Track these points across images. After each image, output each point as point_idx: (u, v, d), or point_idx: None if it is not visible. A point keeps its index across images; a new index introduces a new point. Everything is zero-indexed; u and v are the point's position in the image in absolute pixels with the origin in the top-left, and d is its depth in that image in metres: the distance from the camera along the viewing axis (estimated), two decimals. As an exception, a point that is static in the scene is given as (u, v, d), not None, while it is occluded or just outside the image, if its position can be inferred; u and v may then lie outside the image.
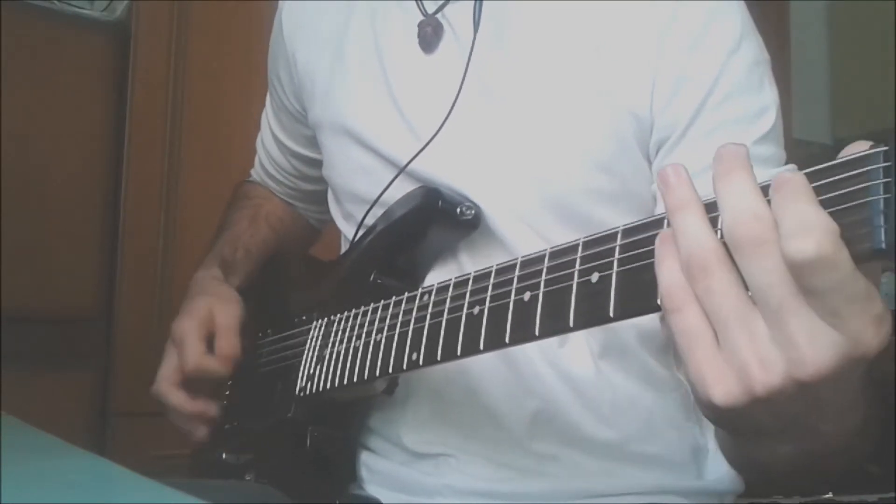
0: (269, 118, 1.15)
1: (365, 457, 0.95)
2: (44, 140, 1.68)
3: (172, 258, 1.80)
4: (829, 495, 1.35)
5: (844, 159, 0.43)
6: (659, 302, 0.48)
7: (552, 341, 0.55)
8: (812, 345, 0.43)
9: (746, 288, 0.45)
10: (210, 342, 0.95)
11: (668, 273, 0.47)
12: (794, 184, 0.43)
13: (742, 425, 0.50)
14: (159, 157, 1.82)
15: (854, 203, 0.42)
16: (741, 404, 0.46)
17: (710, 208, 0.47)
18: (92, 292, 1.75)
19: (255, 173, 1.21)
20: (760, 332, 0.44)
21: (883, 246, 0.41)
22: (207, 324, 0.95)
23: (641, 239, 0.52)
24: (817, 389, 0.44)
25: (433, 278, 0.85)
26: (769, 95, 0.82)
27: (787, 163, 0.83)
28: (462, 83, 0.83)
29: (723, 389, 0.46)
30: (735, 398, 0.45)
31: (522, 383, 0.85)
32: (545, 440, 0.86)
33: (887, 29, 2.58)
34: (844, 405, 0.50)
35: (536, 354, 0.84)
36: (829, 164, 0.43)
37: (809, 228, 0.41)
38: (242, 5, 1.84)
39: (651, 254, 0.49)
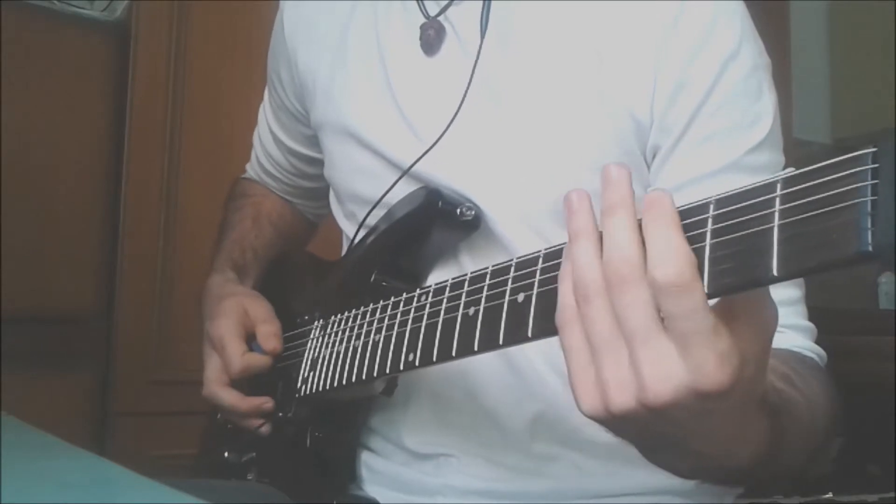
0: (267, 116, 1.15)
1: (365, 457, 0.95)
2: (44, 140, 1.68)
3: (172, 258, 1.80)
4: (829, 495, 1.35)
5: (833, 161, 0.42)
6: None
7: (553, 342, 0.55)
8: (655, 373, 0.47)
9: None
10: (248, 339, 0.95)
11: (564, 292, 0.51)
12: (661, 207, 0.47)
13: (622, 436, 0.54)
14: (159, 157, 1.81)
15: (841, 205, 0.41)
16: (602, 419, 0.50)
17: (693, 212, 0.48)
18: (92, 292, 1.75)
19: (252, 169, 1.21)
20: (623, 357, 0.48)
21: (870, 248, 0.40)
22: (244, 322, 0.96)
23: None
24: (670, 415, 0.48)
25: (434, 279, 0.85)
26: (767, 101, 0.82)
27: (786, 166, 0.83)
28: (468, 87, 0.83)
29: (587, 403, 0.50)
30: (597, 413, 0.50)
31: (523, 384, 0.85)
32: (546, 441, 0.86)
33: (887, 29, 2.58)
34: (729, 434, 0.52)
35: (537, 356, 0.84)
36: (818, 165, 0.43)
37: (671, 255, 0.46)
38: (242, 5, 1.84)
39: None
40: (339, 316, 0.87)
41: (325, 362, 0.86)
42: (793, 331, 0.77)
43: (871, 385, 1.66)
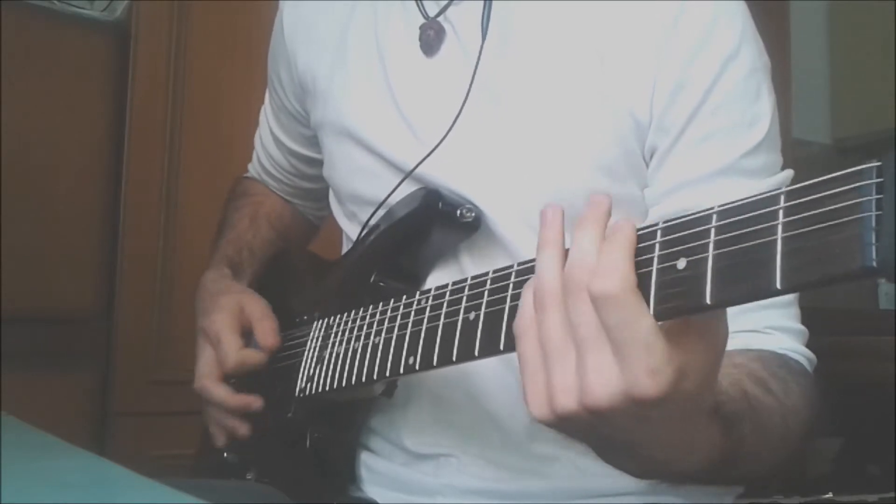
0: (268, 117, 1.15)
1: (365, 457, 0.95)
2: (44, 140, 1.68)
3: (172, 258, 1.80)
4: (829, 495, 1.35)
5: (836, 175, 0.42)
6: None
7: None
8: (596, 377, 0.49)
9: None
10: (244, 336, 0.95)
11: (525, 301, 0.54)
12: (622, 235, 0.50)
13: (571, 437, 0.56)
14: (159, 157, 1.81)
15: (845, 219, 0.41)
16: (549, 421, 0.53)
17: (694, 223, 0.48)
18: (92, 292, 1.74)
19: (253, 169, 1.21)
20: (570, 364, 0.51)
21: (874, 264, 0.40)
22: (240, 317, 0.96)
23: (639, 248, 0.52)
24: (610, 419, 0.50)
25: (434, 280, 0.85)
26: (765, 103, 0.81)
27: (785, 165, 0.83)
28: (469, 88, 0.83)
29: (535, 406, 0.53)
30: (544, 415, 0.53)
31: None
32: (545, 442, 0.86)
33: (887, 29, 2.58)
34: (675, 440, 0.55)
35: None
36: (821, 179, 0.43)
37: (612, 271, 0.49)
38: (242, 5, 1.84)
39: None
40: (338, 317, 0.87)
41: (325, 363, 0.86)
42: (782, 332, 0.77)
43: (871, 385, 1.66)
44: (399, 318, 0.74)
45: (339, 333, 0.85)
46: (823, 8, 3.02)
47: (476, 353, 0.62)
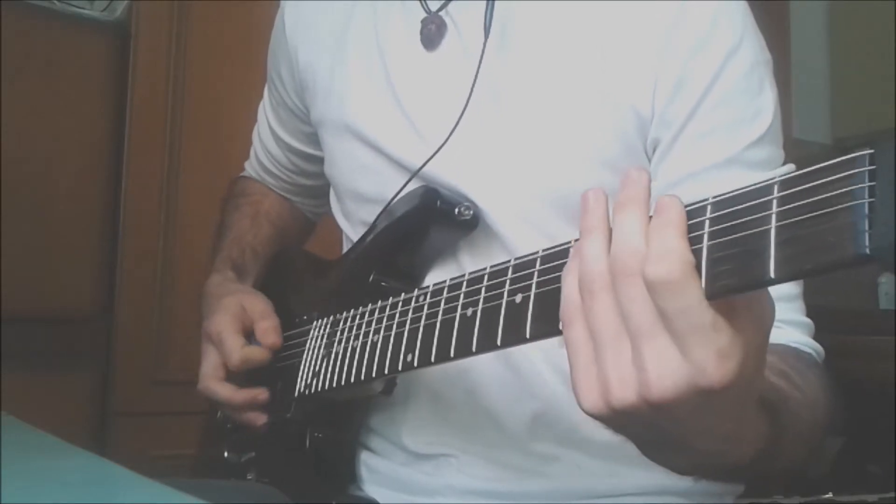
0: (267, 114, 1.15)
1: (365, 457, 0.95)
2: (44, 140, 1.68)
3: (172, 258, 1.80)
4: (829, 495, 1.35)
5: (830, 163, 0.42)
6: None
7: (553, 341, 0.55)
8: (658, 370, 0.47)
9: None
10: (246, 335, 0.95)
11: (568, 288, 0.51)
12: (669, 212, 0.47)
13: (621, 432, 0.54)
14: (159, 157, 1.81)
15: (839, 207, 0.41)
16: (603, 415, 0.50)
17: (690, 214, 0.48)
18: (92, 292, 1.74)
19: (251, 167, 1.21)
20: (625, 353, 0.48)
21: (867, 251, 0.40)
22: (241, 317, 0.96)
23: None
24: (671, 411, 0.48)
25: (433, 278, 0.85)
26: (767, 97, 0.82)
27: (785, 162, 0.83)
28: (473, 86, 0.83)
29: (588, 399, 0.50)
30: (598, 409, 0.50)
31: (523, 384, 0.85)
32: (546, 441, 0.86)
33: (887, 29, 2.58)
34: (727, 431, 0.53)
35: (537, 355, 0.84)
36: (815, 167, 0.43)
37: (666, 254, 0.46)
38: (242, 5, 1.84)
39: None
40: (337, 316, 0.87)
41: (324, 362, 0.86)
42: (791, 326, 0.77)
43: (871, 385, 1.66)
44: (397, 315, 0.74)
45: (339, 332, 0.85)
46: (823, 8, 3.02)
47: (474, 349, 0.62)
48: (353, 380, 0.80)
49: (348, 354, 0.81)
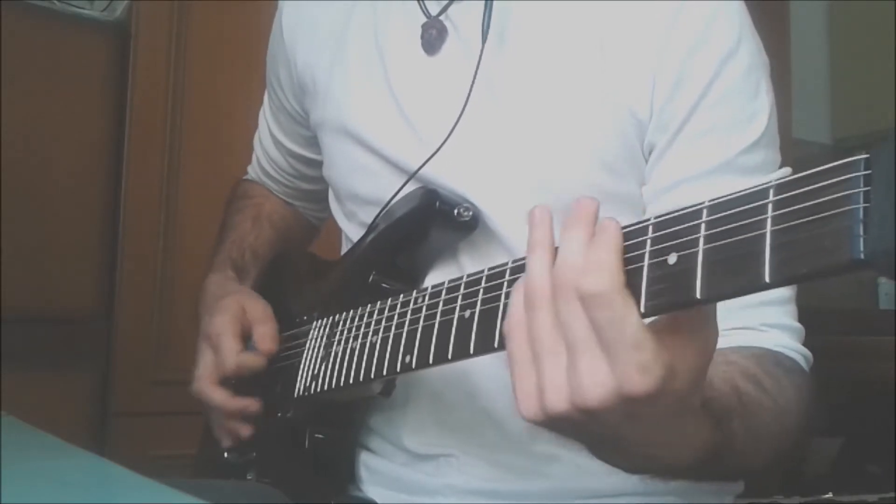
0: (267, 118, 1.15)
1: (365, 457, 0.95)
2: (44, 140, 1.68)
3: (172, 258, 1.80)
4: (829, 495, 1.35)
5: (825, 167, 0.42)
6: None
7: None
8: (589, 379, 0.50)
9: None
10: (244, 338, 0.95)
11: (514, 302, 0.54)
12: (608, 234, 0.50)
13: (561, 435, 0.56)
14: (159, 157, 1.81)
15: (834, 212, 0.41)
16: (539, 421, 0.53)
17: (677, 221, 0.48)
18: (92, 292, 1.75)
19: (253, 171, 1.21)
20: (561, 364, 0.51)
21: (862, 256, 0.40)
22: (241, 320, 0.96)
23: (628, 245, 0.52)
24: (601, 417, 0.51)
25: (433, 279, 0.85)
26: (763, 100, 0.82)
27: (785, 162, 0.83)
28: (471, 88, 0.83)
29: (525, 406, 0.53)
30: (534, 415, 0.53)
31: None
32: (545, 441, 0.86)
33: (887, 29, 2.58)
34: (665, 437, 0.55)
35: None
36: (811, 171, 0.43)
37: (597, 268, 0.49)
38: (242, 5, 1.84)
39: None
40: (336, 317, 0.87)
41: (324, 363, 0.86)
42: (777, 330, 0.77)
43: (871, 385, 1.66)
44: (396, 316, 0.75)
45: (338, 333, 0.85)
46: (823, 8, 3.02)
47: (471, 351, 0.62)
48: (351, 381, 0.80)
49: (347, 355, 0.81)
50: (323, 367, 0.86)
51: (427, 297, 0.70)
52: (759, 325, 0.76)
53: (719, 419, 0.58)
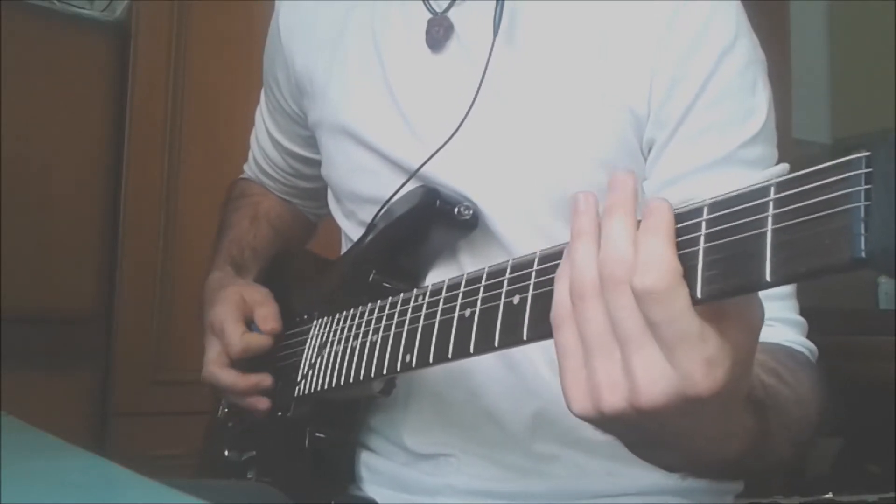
0: (264, 117, 1.15)
1: (365, 457, 0.95)
2: (44, 140, 1.68)
3: (172, 258, 1.80)
4: (829, 495, 1.35)
5: (826, 165, 0.42)
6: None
7: (552, 342, 0.55)
8: (646, 377, 0.47)
9: None
10: (247, 323, 0.96)
11: (560, 292, 0.51)
12: (656, 217, 0.47)
13: (610, 433, 0.55)
14: (159, 157, 1.81)
15: (835, 210, 0.41)
16: (593, 419, 0.51)
17: (685, 216, 0.48)
18: (92, 292, 1.74)
19: (249, 170, 1.21)
20: (615, 359, 0.49)
21: (863, 255, 0.39)
22: (242, 306, 0.96)
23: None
24: (659, 416, 0.48)
25: (433, 278, 0.85)
26: (761, 96, 0.82)
27: (784, 162, 0.84)
28: (479, 87, 0.83)
29: (578, 403, 0.51)
30: (587, 413, 0.50)
31: (523, 383, 0.85)
32: (546, 440, 0.86)
33: (887, 29, 2.58)
34: (714, 431, 0.53)
35: (538, 355, 0.84)
36: (811, 170, 0.42)
37: (653, 264, 0.46)
38: (242, 5, 1.84)
39: None
40: (337, 315, 0.87)
41: (324, 362, 0.86)
42: (783, 325, 0.77)
43: (871, 385, 1.66)
44: (396, 315, 0.75)
45: (338, 332, 0.85)
46: (823, 8, 3.02)
47: (472, 350, 0.62)
48: (351, 380, 0.80)
49: (347, 354, 0.81)
50: (323, 367, 0.86)
51: (427, 296, 0.70)
52: (766, 319, 0.77)
53: (761, 408, 0.57)
